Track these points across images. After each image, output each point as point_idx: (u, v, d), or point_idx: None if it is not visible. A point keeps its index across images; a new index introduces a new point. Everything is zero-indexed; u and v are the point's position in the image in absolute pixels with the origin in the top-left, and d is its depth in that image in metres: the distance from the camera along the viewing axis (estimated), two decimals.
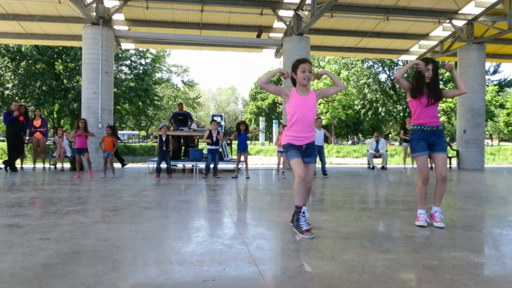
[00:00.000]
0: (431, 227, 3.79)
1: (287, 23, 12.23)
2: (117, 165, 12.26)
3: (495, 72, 50.93)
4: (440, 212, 3.86)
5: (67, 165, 11.62)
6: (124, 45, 14.37)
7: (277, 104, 56.21)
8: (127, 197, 5.82)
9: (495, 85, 45.81)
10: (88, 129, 9.22)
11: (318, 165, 9.81)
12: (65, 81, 29.67)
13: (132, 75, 33.45)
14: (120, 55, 29.60)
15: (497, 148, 33.02)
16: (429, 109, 3.79)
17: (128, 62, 33.16)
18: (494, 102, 41.74)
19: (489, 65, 47.27)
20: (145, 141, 56.83)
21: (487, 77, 45.82)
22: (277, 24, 13.23)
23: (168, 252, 2.90)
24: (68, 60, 28.77)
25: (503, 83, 51.52)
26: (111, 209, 4.77)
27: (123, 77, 32.35)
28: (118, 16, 12.51)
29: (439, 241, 3.30)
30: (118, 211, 4.59)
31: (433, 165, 3.90)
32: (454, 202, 5.52)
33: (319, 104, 41.75)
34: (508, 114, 50.81)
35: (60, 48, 27.77)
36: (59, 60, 29.18)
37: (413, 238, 3.39)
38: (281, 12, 12.15)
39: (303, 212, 3.46)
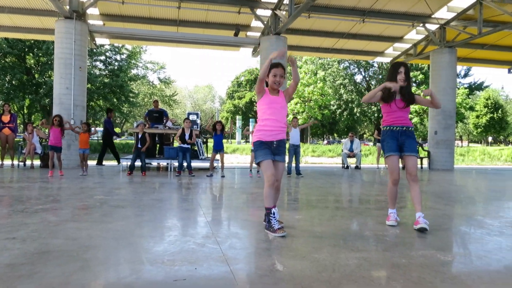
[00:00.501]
0: (401, 226, 3.87)
1: (265, 22, 12.25)
2: (113, 162, 12.19)
3: (465, 75, 52.60)
4: (423, 217, 3.69)
5: (37, 162, 11.30)
6: (99, 40, 14.07)
7: (254, 103, 56.21)
8: (99, 195, 5.71)
9: (465, 88, 47.21)
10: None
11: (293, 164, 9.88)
12: (36, 75, 28.83)
13: (106, 71, 32.84)
14: (94, 50, 28.97)
15: (466, 149, 34.04)
16: (401, 112, 3.85)
17: (102, 57, 32.54)
18: (464, 105, 42.97)
19: (460, 68, 48.79)
20: (120, 138, 55.80)
21: (458, 80, 47.20)
22: (255, 23, 13.23)
23: (139, 251, 2.86)
24: (40, 54, 27.97)
25: (473, 86, 53.26)
26: (82, 207, 4.67)
27: (97, 73, 31.70)
28: (92, 11, 12.24)
29: (409, 240, 3.37)
30: (89, 210, 4.50)
31: (403, 166, 3.97)
32: (424, 202, 5.66)
33: (296, 104, 42.01)
34: (477, 117, 52.40)
35: (32, 41, 26.97)
36: (31, 54, 28.34)
37: (384, 237, 3.45)
38: (259, 11, 12.16)
39: (273, 213, 3.48)
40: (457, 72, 14.09)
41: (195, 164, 10.96)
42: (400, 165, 4.07)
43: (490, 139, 60.55)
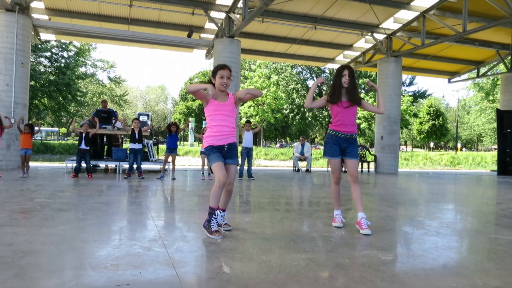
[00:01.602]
0: (347, 228, 4.00)
1: (219, 24, 12.23)
2: (56, 164, 11.42)
3: (410, 83, 55.38)
4: (366, 218, 3.84)
5: None
6: (44, 36, 13.42)
7: None
8: (39, 198, 5.43)
9: (410, 95, 49.65)
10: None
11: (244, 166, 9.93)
12: None
13: (52, 68, 31.33)
14: (39, 46, 27.57)
15: (410, 154, 35.83)
16: (348, 114, 3.96)
17: (48, 54, 31.02)
18: (408, 112, 45.17)
19: (406, 77, 51.22)
20: (66, 138, 53.42)
21: (403, 88, 49.61)
22: (209, 25, 13.19)
23: (80, 256, 2.75)
24: None
25: (417, 94, 56.20)
26: (20, 211, 4.41)
27: (42, 70, 30.16)
28: (37, 4, 11.65)
29: (353, 240, 3.49)
30: (28, 214, 4.26)
31: (346, 169, 4.11)
32: (369, 204, 5.88)
33: (249, 107, 42.24)
34: (420, 123, 55.36)
35: None
36: None
37: (330, 238, 3.55)
38: (213, 14, 12.12)
39: (216, 215, 3.48)
40: (402, 81, 14.79)
41: (145, 166, 10.71)
42: (343, 169, 4.20)
43: (432, 144, 64.11)
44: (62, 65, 31.44)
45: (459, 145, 57.80)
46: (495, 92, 38.70)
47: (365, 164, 14.14)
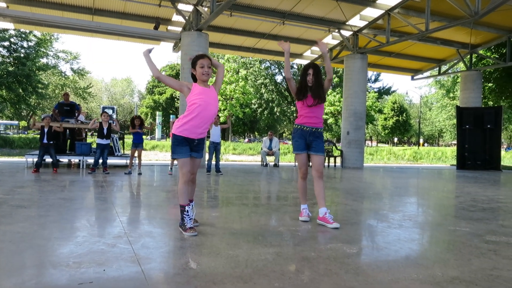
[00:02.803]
0: (313, 222, 4.06)
1: (186, 17, 12.04)
2: (15, 158, 10.93)
3: (376, 80, 56.84)
4: (329, 212, 3.93)
5: None
6: (1, 24, 12.81)
7: (175, 99, 55.09)
8: None
9: (375, 92, 50.87)
10: None
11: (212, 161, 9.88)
12: None
13: (11, 58, 29.96)
14: None
15: (375, 149, 36.74)
16: (313, 111, 4.02)
17: (6, 43, 29.63)
18: (374, 107, 46.25)
19: (371, 73, 52.53)
20: (26, 132, 51.35)
21: (368, 84, 50.76)
22: (176, 18, 12.96)
23: (41, 254, 2.66)
24: None
25: (382, 90, 57.73)
26: None
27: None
28: None
29: (319, 234, 3.55)
30: None
31: (311, 164, 4.16)
32: (334, 198, 5.99)
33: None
34: (385, 119, 56.86)
35: None
36: None
37: (296, 232, 3.59)
38: (180, 6, 11.92)
39: (187, 211, 3.45)
40: (367, 77, 15.10)
41: (110, 161, 10.45)
42: (310, 164, 4.25)
43: (395, 140, 66.03)
44: (22, 55, 30.15)
45: (421, 141, 59.90)
46: (455, 90, 40.23)
47: (331, 159, 14.38)
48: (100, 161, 8.95)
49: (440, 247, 3.30)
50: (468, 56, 16.24)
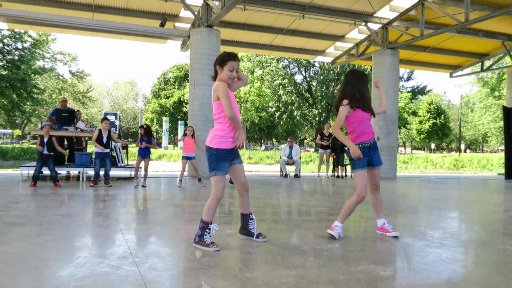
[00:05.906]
0: (341, 240, 4.02)
1: (195, 13, 12.19)
2: (9, 170, 11.17)
3: (408, 78, 56.28)
4: (387, 222, 4.28)
5: None
6: None
7: (184, 103, 55.66)
8: None
9: (408, 92, 50.41)
10: None
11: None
12: None
13: (4, 61, 30.74)
14: None
15: (409, 156, 36.34)
16: (368, 122, 4.13)
17: None
18: (407, 109, 45.88)
19: (403, 71, 52.05)
20: (20, 142, 52.49)
21: (400, 83, 50.31)
22: (184, 13, 13.12)
23: (38, 277, 2.70)
24: None
25: (416, 90, 57.07)
26: None
27: None
28: None
29: (347, 253, 3.51)
30: None
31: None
32: (363, 213, 5.93)
33: None
34: (420, 122, 56.06)
35: None
36: None
37: (322, 251, 3.56)
38: (189, 0, 12.07)
39: (210, 229, 3.52)
40: (399, 75, 14.98)
41: (113, 172, 10.58)
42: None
43: (433, 145, 65.16)
44: (16, 58, 30.90)
45: (462, 146, 58.99)
46: (501, 88, 39.63)
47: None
48: (102, 172, 9.06)
49: (488, 269, 3.23)
50: None
